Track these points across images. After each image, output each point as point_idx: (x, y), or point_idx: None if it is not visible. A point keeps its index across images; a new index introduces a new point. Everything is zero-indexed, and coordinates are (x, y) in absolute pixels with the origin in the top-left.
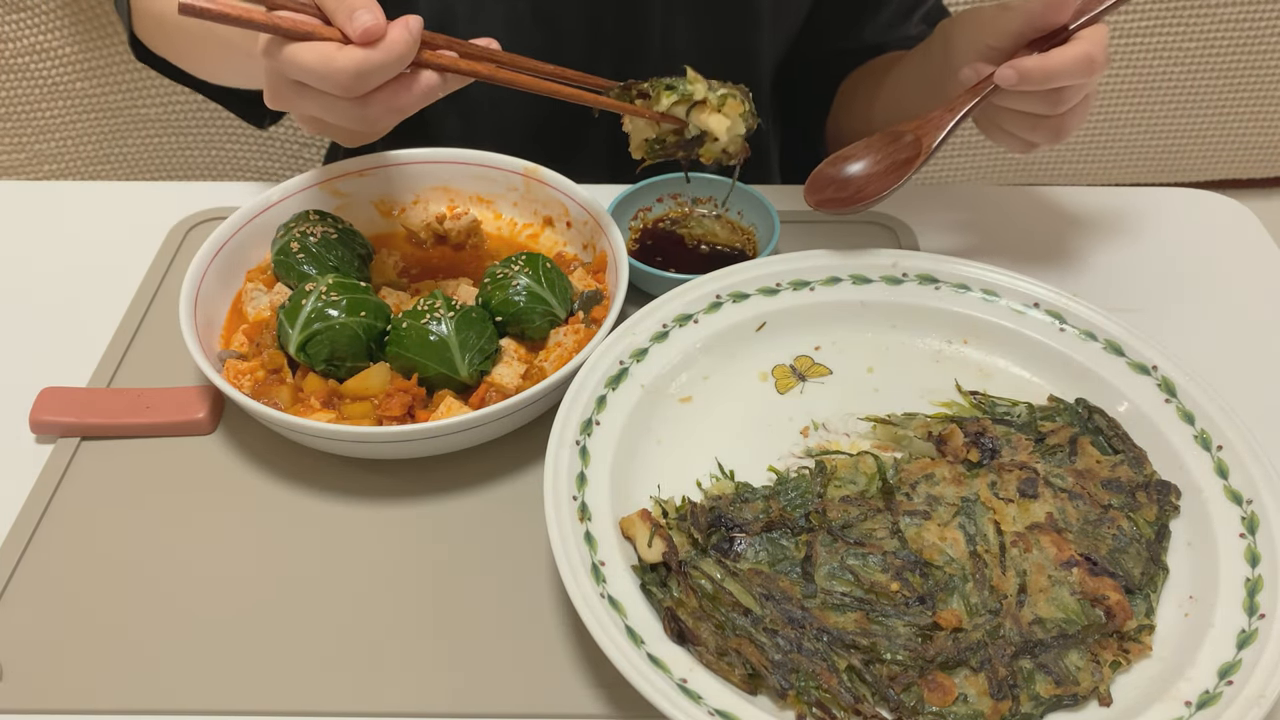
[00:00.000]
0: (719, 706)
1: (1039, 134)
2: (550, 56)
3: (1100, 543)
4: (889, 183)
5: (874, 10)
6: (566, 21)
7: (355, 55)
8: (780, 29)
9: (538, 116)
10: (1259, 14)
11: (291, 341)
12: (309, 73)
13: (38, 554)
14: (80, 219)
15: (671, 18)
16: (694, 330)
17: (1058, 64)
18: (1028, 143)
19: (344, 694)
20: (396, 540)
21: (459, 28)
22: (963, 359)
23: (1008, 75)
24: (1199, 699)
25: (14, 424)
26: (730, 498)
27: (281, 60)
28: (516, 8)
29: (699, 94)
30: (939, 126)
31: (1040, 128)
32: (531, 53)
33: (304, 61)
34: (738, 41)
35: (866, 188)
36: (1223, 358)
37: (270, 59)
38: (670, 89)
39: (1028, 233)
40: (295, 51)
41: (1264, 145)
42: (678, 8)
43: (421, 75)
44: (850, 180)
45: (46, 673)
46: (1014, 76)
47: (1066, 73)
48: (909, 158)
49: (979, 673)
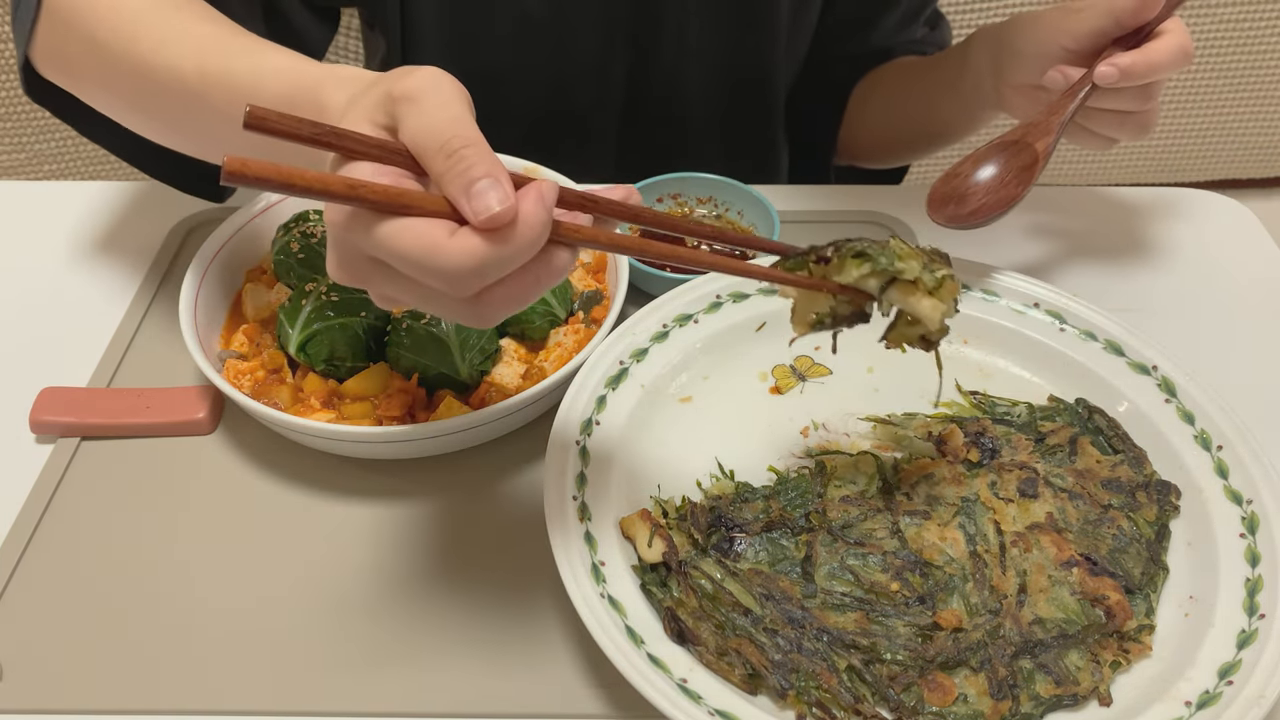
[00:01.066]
0: (719, 706)
1: (1126, 130)
2: (561, 58)
3: (1100, 543)
4: (1013, 193)
5: (881, 14)
6: (579, 20)
7: (474, 248)
8: (798, 30)
9: (539, 116)
10: (1259, 14)
11: (291, 341)
12: (408, 264)
13: (38, 554)
14: (80, 219)
15: (687, 16)
16: (694, 330)
17: (1159, 58)
18: (1110, 140)
19: (344, 694)
20: (396, 540)
21: (470, 28)
22: (963, 359)
23: (1109, 73)
24: (1199, 699)
25: (14, 424)
26: (730, 498)
27: (367, 242)
28: (527, 8)
29: (910, 272)
30: (1048, 131)
31: (1128, 124)
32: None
33: (403, 250)
34: (751, 41)
35: (989, 200)
36: (1223, 357)
37: (348, 232)
38: (862, 257)
39: (1028, 232)
40: (389, 235)
41: (1264, 145)
42: (692, 7)
43: (555, 257)
44: (971, 194)
45: (46, 673)
46: (1115, 74)
47: (1166, 65)
48: (1027, 164)
49: (979, 673)
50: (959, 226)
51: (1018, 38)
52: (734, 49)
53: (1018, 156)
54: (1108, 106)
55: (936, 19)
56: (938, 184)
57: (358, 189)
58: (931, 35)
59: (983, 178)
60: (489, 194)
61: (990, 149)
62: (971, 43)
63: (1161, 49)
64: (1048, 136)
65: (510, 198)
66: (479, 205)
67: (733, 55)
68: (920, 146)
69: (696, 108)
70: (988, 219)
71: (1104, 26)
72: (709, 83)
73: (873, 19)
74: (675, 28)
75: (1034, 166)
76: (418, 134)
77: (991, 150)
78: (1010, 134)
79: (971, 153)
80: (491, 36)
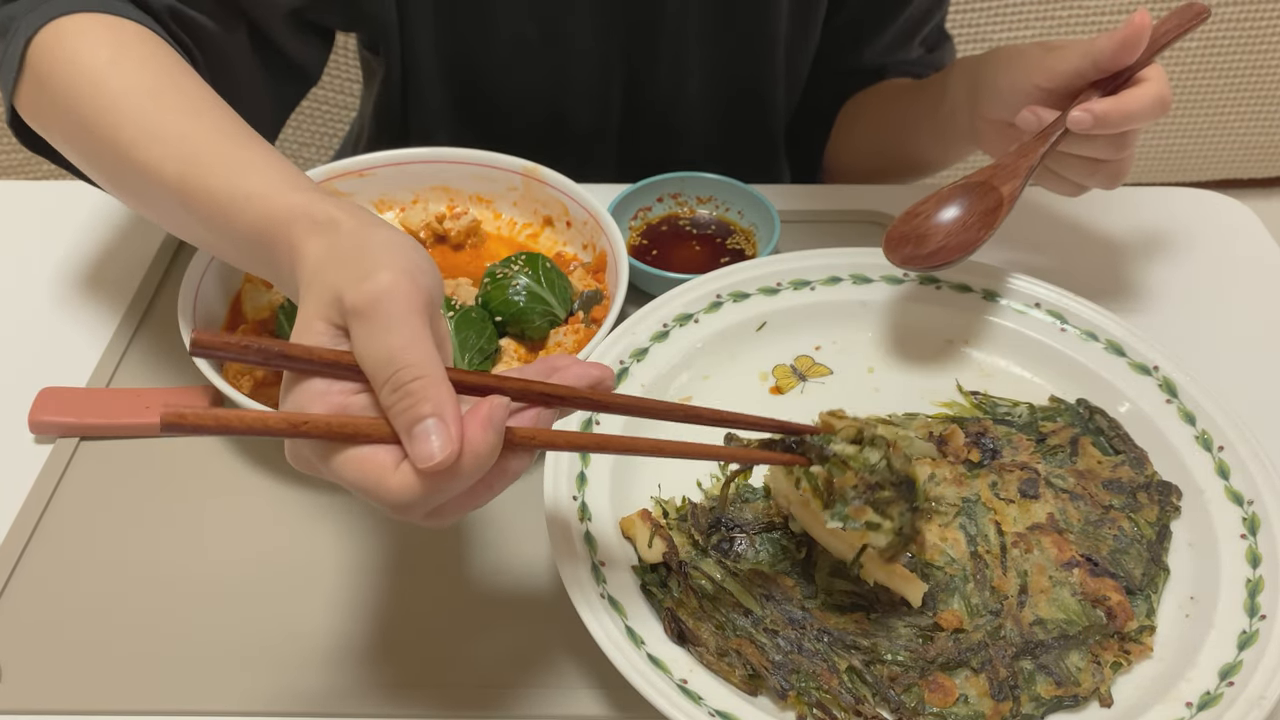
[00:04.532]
0: (719, 707)
1: (1097, 178)
2: (558, 79)
3: (1101, 543)
4: (975, 238)
5: (876, 31)
6: (575, 42)
7: (415, 485)
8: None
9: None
10: (1259, 14)
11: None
12: (357, 490)
13: (38, 554)
14: (80, 219)
15: (683, 38)
16: (694, 330)
17: (1135, 107)
18: (1079, 187)
19: (344, 694)
20: (397, 541)
21: (467, 52)
22: (963, 359)
23: (1083, 119)
24: (1200, 700)
25: (13, 424)
26: (730, 497)
27: (318, 464)
28: (524, 30)
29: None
30: (1015, 174)
31: (1100, 172)
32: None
33: (349, 480)
34: (749, 60)
35: (949, 243)
36: (1224, 358)
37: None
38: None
39: (1028, 232)
40: (336, 466)
41: (1264, 145)
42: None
43: (509, 465)
44: (931, 235)
45: (46, 673)
46: (1089, 120)
47: (1142, 116)
48: (991, 207)
49: (980, 673)
50: (915, 269)
51: (995, 72)
52: (730, 67)
53: (983, 199)
54: (1080, 153)
55: (938, 41)
56: (897, 222)
57: (300, 426)
58: (928, 57)
59: (944, 219)
60: (430, 439)
61: (955, 189)
62: (951, 72)
63: (1138, 98)
64: (1015, 180)
65: (453, 442)
66: (420, 451)
67: (729, 73)
68: (899, 175)
69: (695, 126)
70: (946, 263)
71: (1082, 68)
72: (707, 101)
73: (862, 37)
74: (672, 48)
75: (998, 210)
76: (365, 359)
77: (956, 191)
78: (977, 175)
79: (935, 192)
80: (488, 60)
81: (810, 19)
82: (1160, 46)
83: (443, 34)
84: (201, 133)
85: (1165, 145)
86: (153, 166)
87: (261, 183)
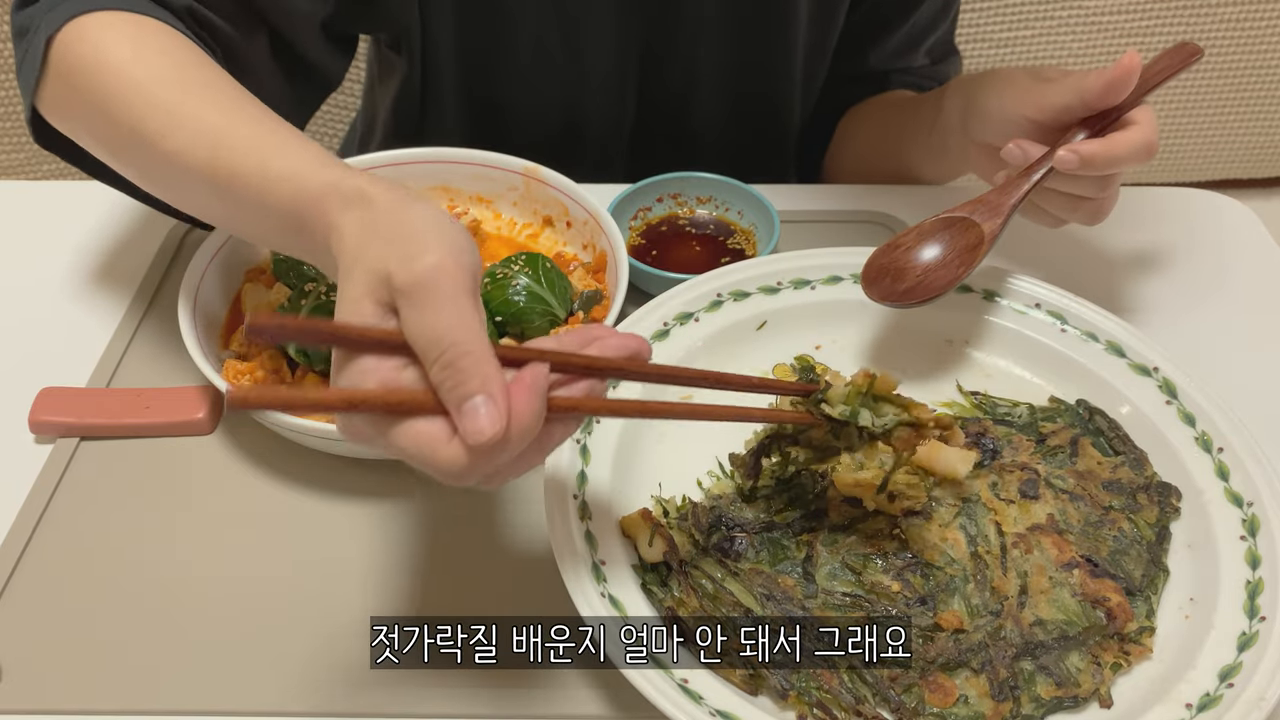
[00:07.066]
0: (720, 707)
1: (1079, 215)
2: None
3: (1101, 544)
4: (953, 275)
5: (882, 35)
6: (594, 47)
7: (465, 457)
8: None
9: (551, 137)
10: (1259, 14)
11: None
12: (411, 459)
13: (38, 554)
14: (80, 219)
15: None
16: (695, 329)
17: (1121, 150)
18: (1060, 221)
19: (343, 694)
20: (396, 540)
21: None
22: (964, 359)
23: (1069, 160)
24: (1200, 701)
25: (13, 424)
26: (731, 497)
27: (374, 438)
28: (543, 36)
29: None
30: (998, 212)
31: (1082, 208)
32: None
33: (404, 449)
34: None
35: (926, 280)
36: (1224, 359)
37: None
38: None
39: (1028, 233)
40: (391, 438)
41: (1264, 145)
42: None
43: (553, 432)
44: (909, 269)
45: (46, 673)
46: (1075, 161)
47: (1127, 160)
48: (972, 244)
49: (980, 674)
50: (891, 304)
51: (987, 97)
52: (748, 72)
53: (964, 235)
54: (1063, 189)
55: (944, 54)
56: (877, 253)
57: (355, 402)
58: (933, 69)
59: (924, 254)
60: (480, 414)
61: (937, 223)
62: (947, 90)
63: (1125, 142)
64: (997, 218)
65: (501, 418)
66: (470, 426)
67: (746, 78)
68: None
69: (709, 133)
70: (922, 300)
71: (1070, 104)
72: (722, 107)
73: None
74: (689, 52)
75: (979, 248)
76: (416, 338)
77: (938, 225)
78: (959, 209)
79: (917, 224)
80: (508, 65)
81: (830, 24)
82: (1152, 86)
83: (463, 40)
84: (228, 118)
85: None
86: (182, 154)
87: (292, 162)
